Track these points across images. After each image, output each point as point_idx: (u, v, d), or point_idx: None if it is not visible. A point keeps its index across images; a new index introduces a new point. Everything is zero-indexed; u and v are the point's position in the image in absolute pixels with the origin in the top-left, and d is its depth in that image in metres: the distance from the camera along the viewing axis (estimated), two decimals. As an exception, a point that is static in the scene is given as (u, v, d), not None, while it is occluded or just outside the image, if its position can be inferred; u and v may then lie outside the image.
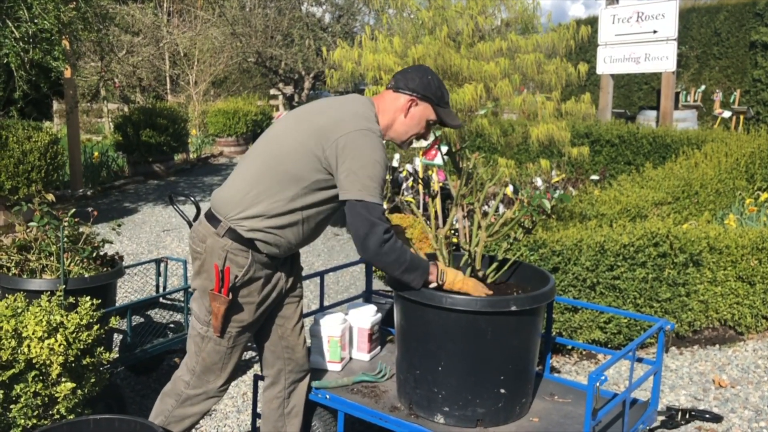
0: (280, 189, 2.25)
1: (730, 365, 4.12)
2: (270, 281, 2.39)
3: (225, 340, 2.36)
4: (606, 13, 10.65)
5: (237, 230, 2.28)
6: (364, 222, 2.17)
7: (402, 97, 2.36)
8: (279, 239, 2.30)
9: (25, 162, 7.05)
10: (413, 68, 2.44)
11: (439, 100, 2.37)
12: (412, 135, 2.43)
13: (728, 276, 4.41)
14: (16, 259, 3.17)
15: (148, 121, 10.94)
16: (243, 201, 2.28)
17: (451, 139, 3.89)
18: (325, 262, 6.44)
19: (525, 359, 2.45)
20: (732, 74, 14.26)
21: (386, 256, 2.22)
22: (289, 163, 2.25)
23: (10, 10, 6.25)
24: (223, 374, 2.42)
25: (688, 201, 5.65)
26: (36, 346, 2.40)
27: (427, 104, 2.37)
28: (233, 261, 2.28)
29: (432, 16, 3.52)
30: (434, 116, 2.39)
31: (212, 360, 2.39)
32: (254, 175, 2.30)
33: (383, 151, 2.24)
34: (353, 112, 2.29)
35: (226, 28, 17.60)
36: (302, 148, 2.24)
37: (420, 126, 2.40)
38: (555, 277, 3.98)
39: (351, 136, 2.20)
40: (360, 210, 2.18)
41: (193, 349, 2.42)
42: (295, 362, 2.58)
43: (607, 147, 8.66)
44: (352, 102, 2.36)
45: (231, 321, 2.34)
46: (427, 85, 2.35)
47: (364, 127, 2.23)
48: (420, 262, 2.30)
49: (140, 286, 4.70)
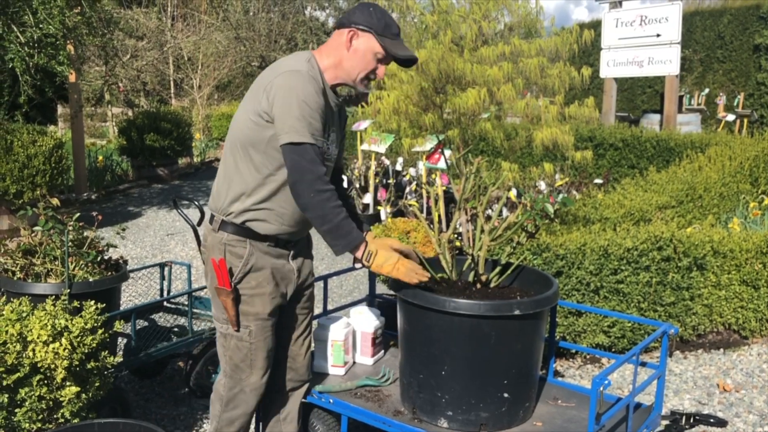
0: (245, 162, 2.28)
1: (735, 369, 4.11)
2: (279, 271, 2.39)
3: (245, 335, 2.37)
4: (609, 16, 10.65)
5: (229, 220, 2.32)
6: (294, 167, 2.16)
7: (344, 31, 2.30)
8: (270, 213, 2.30)
9: (29, 166, 7.08)
10: (356, 5, 2.37)
11: (384, 30, 2.27)
12: (361, 72, 2.31)
13: (732, 280, 4.41)
14: (21, 263, 3.18)
15: (152, 125, 10.98)
16: (223, 189, 2.34)
17: (455, 143, 3.90)
18: (328, 266, 6.45)
19: (528, 363, 2.45)
20: (736, 77, 14.24)
21: (313, 209, 2.17)
22: (240, 133, 2.28)
23: (16, 15, 6.29)
24: (254, 370, 2.41)
25: (692, 205, 5.64)
26: (41, 350, 2.41)
27: (369, 35, 2.27)
28: (232, 252, 2.31)
29: (436, 20, 3.53)
30: (380, 48, 2.29)
31: (238, 357, 2.39)
32: (224, 162, 2.36)
33: (313, 89, 2.19)
34: (281, 62, 2.29)
35: (230, 33, 17.68)
36: (245, 113, 2.27)
37: (366, 60, 2.29)
38: (559, 281, 3.98)
39: (276, 81, 2.20)
40: (290, 154, 2.16)
41: (221, 351, 2.45)
42: (295, 371, 2.58)
43: (610, 150, 8.65)
44: (285, 57, 2.37)
45: (247, 315, 2.35)
46: (369, 17, 2.27)
47: (289, 69, 2.22)
48: (348, 233, 2.22)
49: (144, 290, 4.72)
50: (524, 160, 8.49)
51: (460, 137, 3.69)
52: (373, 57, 2.30)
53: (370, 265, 2.29)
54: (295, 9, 18.98)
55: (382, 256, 2.29)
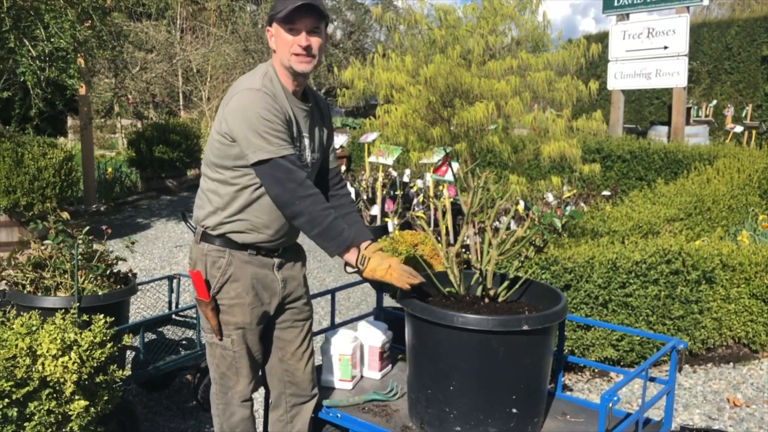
0: (217, 178, 2.33)
1: (745, 384, 4.08)
2: (261, 282, 2.40)
3: (228, 343, 2.40)
4: (616, 29, 10.67)
5: (208, 232, 2.36)
6: (271, 182, 2.19)
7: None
8: (246, 223, 2.34)
9: (40, 178, 7.13)
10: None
11: (275, 10, 2.24)
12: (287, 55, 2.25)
13: (742, 293, 4.38)
14: (31, 277, 3.20)
15: (161, 137, 11.04)
16: (200, 204, 2.42)
17: (462, 156, 3.90)
18: (336, 278, 6.45)
19: (537, 378, 2.44)
20: (744, 89, 14.22)
21: (300, 215, 2.20)
22: (210, 153, 2.35)
23: (28, 30, 6.35)
24: (240, 378, 2.44)
25: (700, 217, 5.62)
26: (50, 364, 2.42)
27: (273, 25, 2.28)
28: (212, 262, 2.36)
29: (444, 34, 3.55)
30: (278, 24, 2.25)
31: (225, 365, 2.43)
32: (202, 178, 2.43)
33: (266, 102, 2.19)
34: (239, 81, 2.32)
35: (239, 45, 17.78)
36: (213, 134, 2.33)
37: (285, 42, 2.25)
38: (567, 294, 3.97)
39: (231, 104, 2.24)
40: (264, 170, 2.19)
41: (209, 359, 2.49)
42: (296, 386, 2.57)
43: (618, 162, 8.64)
44: (246, 74, 2.39)
45: (227, 324, 2.38)
46: (270, 11, 2.29)
47: (243, 88, 2.24)
48: (339, 234, 2.24)
49: (153, 302, 4.72)
50: (532, 172, 8.49)
51: (467, 150, 3.70)
52: (285, 35, 2.25)
53: (364, 269, 2.30)
54: (304, 21, 19.04)
55: (376, 260, 2.31)
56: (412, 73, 3.53)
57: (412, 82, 3.48)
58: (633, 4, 10.45)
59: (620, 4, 10.59)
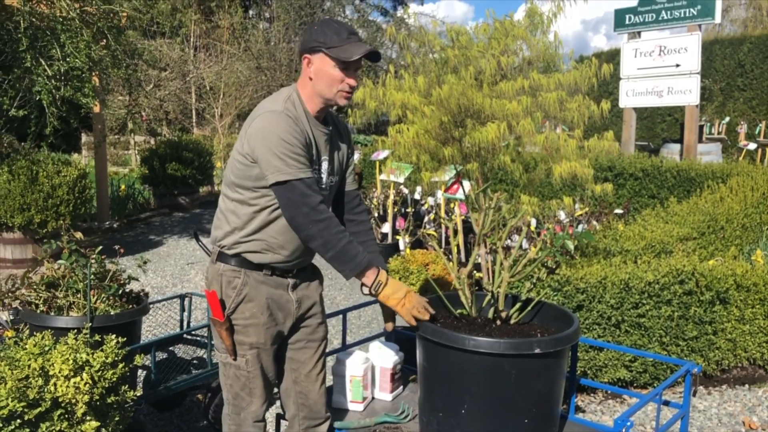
0: (236, 198, 2.35)
1: (761, 406, 4.02)
2: (275, 302, 2.40)
3: (243, 363, 2.40)
4: (628, 47, 10.67)
5: (225, 252, 2.38)
6: (287, 204, 2.22)
7: (303, 62, 2.34)
8: (262, 243, 2.35)
9: (54, 196, 7.19)
10: (306, 29, 2.40)
11: (331, 42, 2.26)
12: (332, 88, 2.30)
13: (756, 314, 4.34)
14: (44, 296, 3.22)
15: (173, 155, 11.12)
16: (218, 224, 2.43)
17: (474, 175, 3.90)
18: (347, 296, 6.44)
19: (549, 402, 2.42)
20: (757, 105, 14.16)
21: (315, 238, 2.22)
22: (230, 173, 2.36)
23: (44, 49, 6.43)
24: (254, 399, 2.44)
25: (714, 236, 5.58)
26: (62, 384, 2.42)
27: (320, 54, 2.28)
28: (228, 283, 2.37)
29: (456, 54, 3.56)
30: (334, 62, 2.28)
31: (238, 385, 2.43)
32: (221, 198, 2.45)
33: (288, 125, 2.22)
34: (262, 104, 2.34)
35: (252, 62, 17.93)
36: (234, 155, 2.35)
37: (330, 77, 2.28)
38: (579, 315, 3.95)
39: (253, 126, 2.26)
40: (280, 193, 2.22)
41: (222, 379, 2.49)
42: (309, 408, 2.56)
43: (630, 180, 8.61)
44: (268, 97, 2.41)
45: (242, 344, 2.38)
46: (314, 35, 2.28)
47: (266, 111, 2.27)
48: (353, 257, 2.24)
49: (164, 320, 4.74)
50: (544, 190, 8.47)
51: (479, 170, 3.69)
52: (335, 71, 2.29)
53: (378, 293, 2.31)
54: (316, 39, 19.19)
55: (392, 287, 2.31)
56: (424, 93, 3.53)
57: (425, 102, 3.49)
58: (644, 22, 10.46)
59: (631, 23, 10.60)
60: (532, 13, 3.72)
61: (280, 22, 19.74)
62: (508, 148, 3.82)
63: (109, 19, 6.96)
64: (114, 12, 7.00)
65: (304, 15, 19.67)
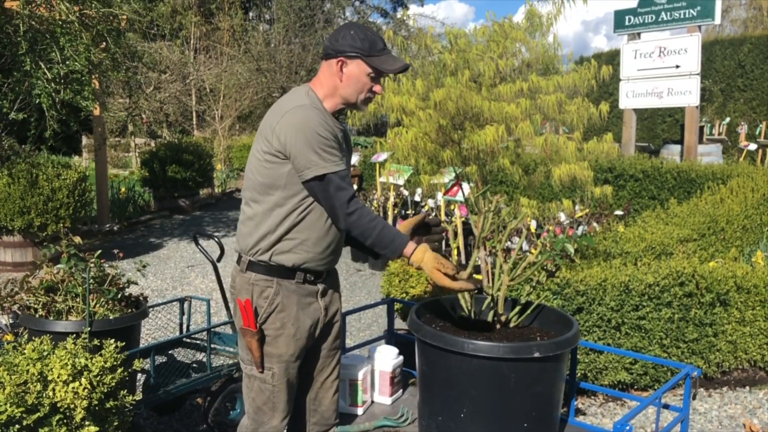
0: (266, 202, 2.31)
1: (762, 408, 4.02)
2: (305, 311, 2.38)
3: (269, 377, 2.36)
4: (628, 48, 10.67)
5: (255, 259, 2.33)
6: (324, 198, 2.23)
7: (332, 62, 2.31)
8: (295, 242, 2.31)
9: (54, 199, 7.19)
10: (338, 29, 2.37)
11: (369, 50, 2.28)
12: (359, 95, 2.34)
13: (757, 316, 4.33)
14: (43, 301, 3.21)
15: (174, 157, 11.12)
16: (247, 230, 2.36)
17: (473, 178, 3.90)
18: (347, 298, 6.44)
19: (549, 405, 2.42)
20: (757, 106, 14.16)
21: (353, 229, 2.25)
22: (258, 175, 2.32)
23: (43, 52, 6.44)
24: (276, 413, 2.40)
25: (714, 238, 5.57)
26: (61, 389, 2.42)
27: (357, 60, 2.29)
28: (259, 292, 2.33)
29: (454, 58, 3.56)
30: (370, 69, 2.30)
31: (261, 399, 2.39)
32: (247, 205, 2.39)
33: (319, 117, 2.23)
34: (282, 102, 2.33)
35: (252, 64, 17.94)
36: (259, 156, 2.31)
37: (361, 83, 2.31)
38: (579, 317, 3.94)
39: (283, 121, 2.23)
40: (317, 187, 2.22)
41: (245, 392, 2.45)
42: (320, 415, 2.54)
43: (631, 182, 8.61)
44: (284, 97, 2.39)
45: (270, 356, 2.35)
46: (352, 40, 2.28)
47: (293, 106, 2.26)
48: (392, 240, 2.26)
49: (164, 323, 4.73)
50: (544, 191, 8.46)
51: (478, 173, 3.69)
52: (366, 78, 2.32)
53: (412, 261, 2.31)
54: (316, 41, 19.23)
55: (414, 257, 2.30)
56: (422, 96, 3.54)
57: (423, 105, 3.49)
58: (644, 23, 10.45)
59: (631, 24, 10.60)
60: (531, 15, 3.72)
61: (280, 23, 19.75)
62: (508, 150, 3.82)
63: (108, 22, 6.97)
64: (113, 15, 7.00)
65: (304, 17, 19.68)
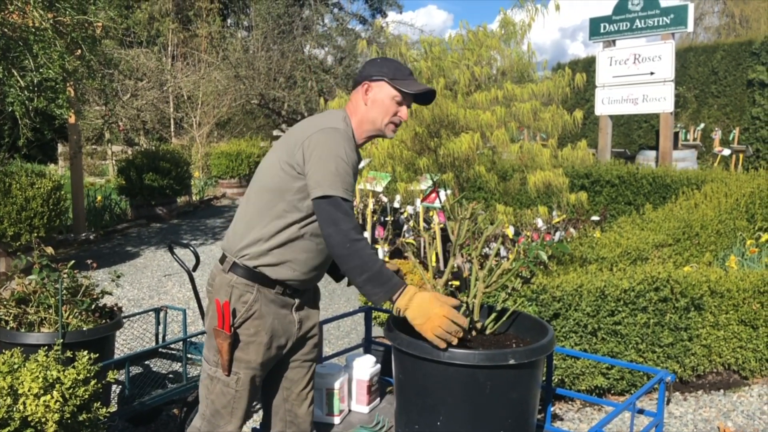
0: (268, 208, 2.28)
1: (735, 411, 4.06)
2: (280, 322, 2.36)
3: (233, 381, 2.34)
4: (603, 55, 10.79)
5: (241, 263, 2.30)
6: (329, 219, 2.15)
7: (358, 88, 2.36)
8: (284, 257, 2.29)
9: (27, 208, 7.10)
10: (365, 63, 2.42)
11: (395, 74, 2.32)
12: (384, 119, 2.36)
13: (730, 320, 4.39)
14: (14, 312, 3.17)
15: (151, 165, 11.03)
16: (240, 232, 2.33)
17: (450, 185, 3.91)
18: (326, 306, 6.42)
19: (525, 412, 2.42)
20: (730, 112, 14.37)
21: (350, 258, 2.13)
22: (270, 180, 2.29)
23: (16, 60, 6.36)
24: (233, 419, 2.38)
25: (689, 242, 5.64)
26: (31, 403, 2.38)
27: (382, 83, 2.32)
28: (238, 296, 2.30)
29: (430, 66, 3.58)
30: (395, 92, 2.33)
31: (221, 403, 2.36)
32: (246, 206, 2.36)
33: (348, 147, 2.23)
34: (319, 119, 2.32)
35: (230, 71, 17.87)
36: (277, 162, 2.29)
37: (386, 106, 2.34)
38: (556, 323, 3.97)
39: (314, 137, 2.22)
40: (324, 206, 2.16)
41: (203, 392, 2.41)
42: (296, 426, 2.53)
43: (607, 187, 8.69)
44: (321, 114, 2.39)
45: (238, 360, 2.32)
46: (378, 67, 2.33)
47: (327, 126, 2.25)
48: (388, 278, 2.16)
49: (140, 333, 4.68)
50: (521, 198, 8.51)
51: (454, 180, 3.71)
52: (391, 102, 2.34)
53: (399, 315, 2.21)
54: (294, 47, 19.20)
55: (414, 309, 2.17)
56: (398, 104, 3.55)
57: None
58: (619, 30, 10.58)
59: (606, 31, 10.73)
60: (505, 24, 3.75)
61: (259, 30, 19.70)
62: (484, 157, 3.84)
63: (83, 29, 6.90)
64: (89, 22, 6.94)
65: (283, 24, 19.65)
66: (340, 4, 25.76)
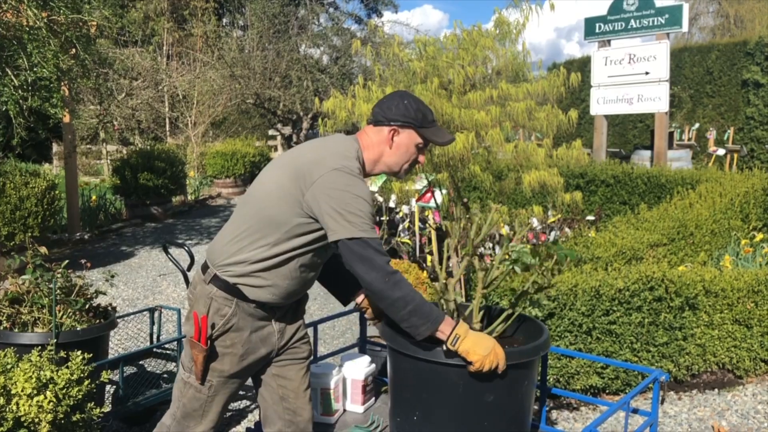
0: (262, 235, 2.24)
1: (730, 410, 4.07)
2: (258, 334, 2.35)
3: (206, 388, 2.33)
4: (598, 55, 10.81)
5: (222, 277, 2.27)
6: (361, 259, 2.10)
7: (383, 129, 2.31)
8: (265, 282, 2.27)
9: (21, 208, 7.08)
10: (389, 97, 2.36)
11: (422, 122, 2.31)
12: (404, 164, 2.37)
13: (725, 319, 4.40)
14: (7, 312, 3.15)
15: (146, 164, 11.01)
16: (227, 247, 2.30)
17: (445, 185, 3.91)
18: (321, 306, 6.41)
19: (520, 412, 2.43)
20: (725, 112, 14.41)
21: (392, 291, 2.09)
22: (271, 208, 2.24)
23: (10, 59, 6.34)
24: (203, 422, 2.37)
25: (683, 242, 5.65)
26: (24, 403, 2.37)
27: (409, 130, 2.31)
28: (216, 309, 2.28)
29: (424, 66, 3.57)
30: (421, 140, 2.34)
31: (192, 407, 2.35)
32: (239, 221, 2.31)
33: (363, 184, 2.20)
34: (332, 152, 2.26)
35: (225, 71, 17.83)
36: (283, 192, 2.22)
37: (410, 153, 2.35)
38: (551, 322, 3.97)
39: (327, 177, 2.16)
40: (353, 248, 2.11)
41: (176, 394, 2.41)
42: (296, 425, 2.51)
43: (602, 187, 8.70)
44: (333, 142, 2.33)
45: (212, 370, 2.31)
46: (406, 111, 2.29)
47: (340, 166, 2.18)
48: (431, 310, 2.13)
49: (135, 333, 4.68)
50: (516, 197, 8.52)
51: (449, 180, 3.71)
52: (414, 148, 2.35)
53: (457, 347, 2.15)
54: (290, 47, 19.17)
55: (472, 340, 2.15)
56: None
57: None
58: (614, 30, 10.60)
59: (601, 31, 10.74)
60: (500, 23, 3.75)
61: (254, 30, 19.66)
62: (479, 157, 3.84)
63: (78, 28, 6.88)
64: (83, 21, 6.91)
65: (278, 23, 19.61)
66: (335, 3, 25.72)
